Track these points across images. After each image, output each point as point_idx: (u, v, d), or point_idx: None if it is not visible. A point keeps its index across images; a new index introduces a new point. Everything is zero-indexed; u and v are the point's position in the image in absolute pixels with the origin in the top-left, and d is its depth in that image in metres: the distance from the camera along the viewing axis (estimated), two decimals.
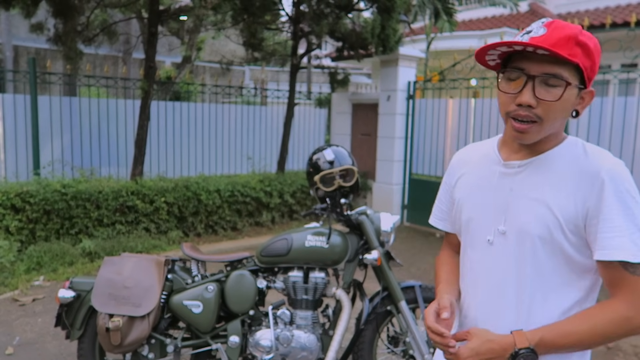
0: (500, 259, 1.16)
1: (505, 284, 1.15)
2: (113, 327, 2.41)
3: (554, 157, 1.13)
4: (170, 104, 7.58)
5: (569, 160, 1.12)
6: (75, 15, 6.04)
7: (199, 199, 6.31)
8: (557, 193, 1.09)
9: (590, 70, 1.08)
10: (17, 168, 6.20)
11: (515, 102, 1.08)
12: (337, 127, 9.26)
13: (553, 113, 1.07)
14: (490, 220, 1.18)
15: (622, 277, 1.04)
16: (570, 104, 1.09)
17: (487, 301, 1.19)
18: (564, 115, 1.10)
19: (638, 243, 1.02)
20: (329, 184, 2.69)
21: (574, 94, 1.08)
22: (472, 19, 13.50)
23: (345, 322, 2.60)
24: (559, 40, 1.03)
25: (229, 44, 12.08)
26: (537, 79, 1.06)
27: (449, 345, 1.12)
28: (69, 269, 5.02)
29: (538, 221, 1.10)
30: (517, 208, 1.13)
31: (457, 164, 1.36)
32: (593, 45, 1.07)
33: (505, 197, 1.16)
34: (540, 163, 1.14)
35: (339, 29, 6.80)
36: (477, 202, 1.23)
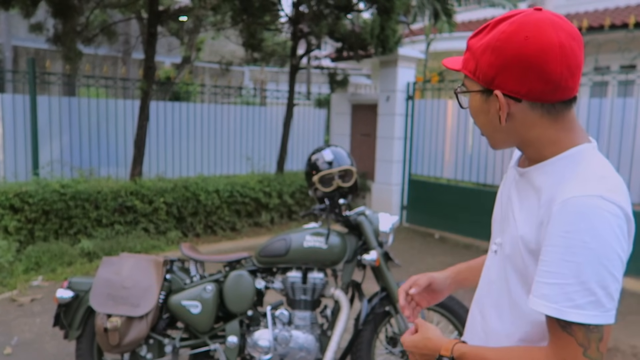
0: (493, 269, 1.11)
1: (488, 294, 1.12)
2: (111, 327, 2.41)
3: (541, 171, 0.98)
4: (170, 104, 7.58)
5: (550, 177, 0.96)
6: (74, 16, 6.04)
7: (198, 199, 6.31)
8: (526, 215, 0.98)
9: (478, 71, 0.97)
10: (16, 168, 6.20)
11: None
12: (336, 128, 9.26)
13: (476, 121, 1.05)
14: (496, 226, 1.14)
15: (553, 328, 0.89)
16: (480, 111, 1.01)
17: (474, 304, 1.19)
18: (482, 122, 1.03)
19: (573, 298, 0.84)
20: (327, 184, 2.70)
21: (477, 99, 1.01)
22: (471, 20, 13.51)
23: (344, 323, 2.60)
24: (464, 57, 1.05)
25: (228, 44, 12.09)
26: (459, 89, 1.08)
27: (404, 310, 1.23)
28: (68, 269, 5.01)
29: (510, 242, 1.01)
30: (506, 222, 1.06)
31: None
32: (479, 45, 0.97)
33: (506, 206, 1.08)
34: (529, 175, 1.01)
35: (339, 29, 6.81)
36: (497, 206, 1.16)
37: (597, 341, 0.86)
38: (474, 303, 1.19)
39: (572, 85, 0.93)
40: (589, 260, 0.84)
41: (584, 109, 5.57)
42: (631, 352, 3.60)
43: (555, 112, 0.95)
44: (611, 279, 0.85)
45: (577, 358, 0.86)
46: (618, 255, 0.85)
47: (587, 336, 0.85)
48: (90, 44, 6.86)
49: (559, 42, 0.89)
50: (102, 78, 6.87)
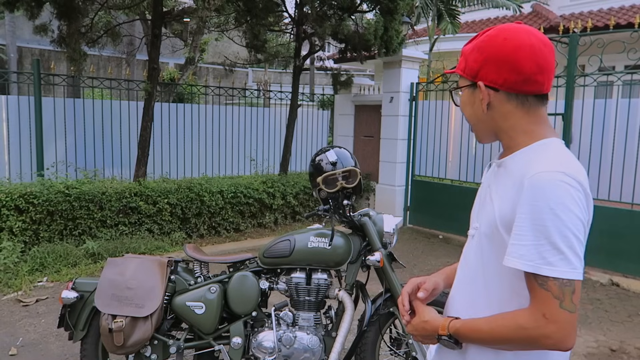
0: (469, 252, 1.24)
1: (466, 273, 1.24)
2: (116, 328, 2.41)
3: (515, 160, 1.14)
4: (174, 105, 7.60)
5: (522, 163, 1.11)
6: (79, 17, 6.06)
7: (202, 200, 6.32)
8: (502, 195, 1.12)
9: (467, 69, 1.18)
10: (21, 169, 6.22)
11: None
12: (339, 129, 9.26)
13: (465, 114, 1.25)
14: (474, 214, 1.26)
15: (532, 287, 1.02)
16: (467, 104, 1.21)
17: (458, 287, 1.28)
18: (471, 115, 1.22)
19: (545, 256, 0.99)
20: (331, 185, 2.69)
21: (466, 94, 1.21)
22: (475, 21, 13.49)
23: (348, 324, 2.60)
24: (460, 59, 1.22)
25: (232, 45, 12.11)
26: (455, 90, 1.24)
27: (404, 315, 1.27)
28: (73, 270, 5.03)
29: (486, 219, 1.15)
30: (485, 207, 1.19)
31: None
32: (468, 47, 1.18)
33: (485, 195, 1.22)
34: (505, 164, 1.16)
35: (342, 30, 6.81)
36: (477, 197, 1.30)
37: (570, 294, 0.99)
38: (453, 288, 1.30)
39: (541, 80, 1.10)
40: (556, 224, 0.99)
41: (588, 110, 5.54)
42: (637, 354, 3.58)
43: (528, 105, 1.13)
44: (576, 240, 0.99)
45: (555, 309, 0.99)
46: (580, 220, 1.00)
47: (561, 290, 0.98)
48: (94, 46, 6.89)
49: (530, 43, 1.09)
50: (107, 79, 6.90)
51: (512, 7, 11.04)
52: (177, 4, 8.92)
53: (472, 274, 1.21)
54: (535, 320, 1.00)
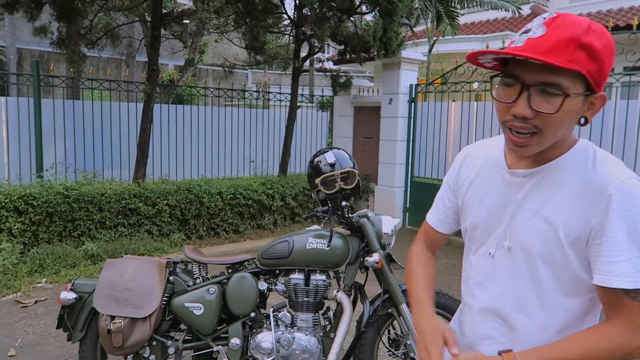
0: (501, 273, 1.11)
1: (503, 299, 1.11)
2: (115, 329, 2.42)
3: (560, 166, 1.04)
4: (173, 107, 7.60)
5: (576, 171, 1.02)
6: (78, 19, 6.07)
7: (201, 201, 6.32)
8: (561, 208, 1.01)
9: (597, 73, 0.94)
10: (21, 170, 6.23)
11: (510, 112, 0.98)
12: (339, 130, 9.27)
13: (553, 124, 0.96)
14: (495, 232, 1.12)
15: (621, 302, 0.96)
16: (574, 113, 0.97)
17: (483, 313, 1.16)
18: (567, 125, 0.99)
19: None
20: (330, 186, 2.70)
21: (577, 102, 0.96)
22: (474, 22, 13.51)
23: (347, 325, 2.60)
24: (558, 45, 0.91)
25: (231, 47, 12.13)
26: (533, 88, 0.94)
27: None
28: (72, 271, 5.03)
29: (539, 238, 1.03)
30: (521, 222, 1.07)
31: (464, 161, 1.27)
32: (601, 45, 0.93)
33: (511, 209, 1.09)
34: (545, 173, 1.05)
35: (341, 32, 6.82)
36: (483, 209, 1.16)
37: None
38: (480, 313, 1.16)
39: None
40: None
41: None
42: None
43: None
44: None
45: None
46: None
47: None
48: (94, 47, 6.89)
49: None
50: (106, 81, 6.90)
51: (511, 9, 11.07)
52: (177, 5, 8.93)
53: (517, 298, 1.09)
54: (632, 334, 0.95)
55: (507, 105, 0.99)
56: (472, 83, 6.66)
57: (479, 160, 1.22)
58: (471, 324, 1.19)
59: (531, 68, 0.94)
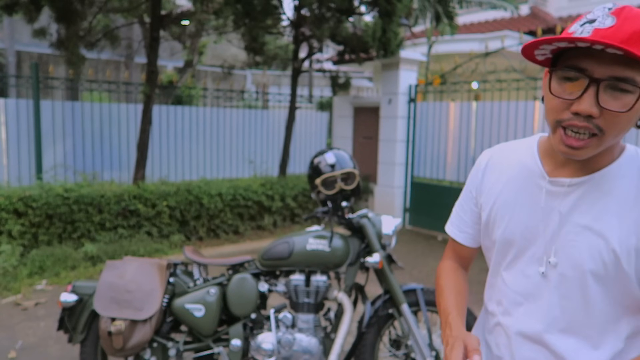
0: (546, 291, 1.01)
1: (549, 320, 1.00)
2: (115, 331, 2.41)
3: (612, 175, 0.94)
4: (172, 108, 7.60)
5: (628, 180, 0.93)
6: (77, 20, 6.07)
7: (200, 202, 6.32)
8: (616, 221, 0.92)
9: None
10: (20, 172, 6.22)
11: (572, 110, 0.87)
12: (338, 131, 9.27)
13: (618, 125, 0.87)
14: (537, 247, 1.02)
15: None
16: (639, 114, 0.88)
17: (525, 335, 1.05)
18: (629, 127, 0.89)
19: None
20: (330, 187, 2.70)
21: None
22: (473, 22, 13.52)
23: (347, 326, 2.60)
24: (634, 35, 0.81)
25: (230, 48, 12.13)
26: (602, 83, 0.84)
27: None
28: (72, 273, 5.02)
29: (592, 254, 0.93)
30: (568, 237, 0.97)
31: (487, 168, 1.16)
32: None
33: (554, 222, 0.99)
34: (595, 183, 0.95)
35: (340, 32, 6.83)
36: (518, 222, 1.05)
37: None
38: (520, 335, 1.05)
39: None
40: None
41: None
42: None
43: None
44: None
45: None
46: None
47: None
48: (93, 49, 6.89)
49: None
50: (105, 82, 6.90)
51: (510, 9, 11.07)
52: (176, 6, 8.93)
53: (566, 320, 0.99)
54: None
55: (567, 102, 0.88)
56: (471, 83, 6.66)
57: (506, 167, 1.11)
58: (509, 346, 1.08)
59: (602, 61, 0.84)
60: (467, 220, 1.22)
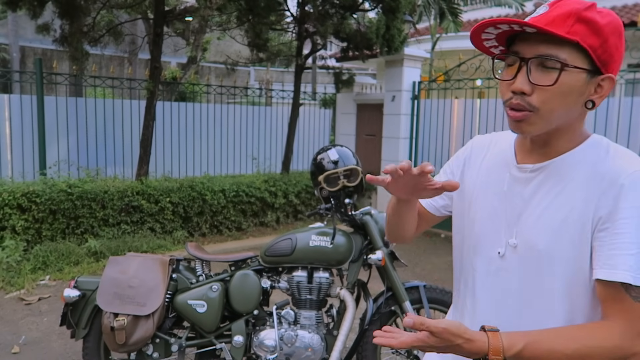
0: (506, 272, 1.05)
1: (508, 299, 1.05)
2: (118, 326, 2.42)
3: (572, 161, 1.00)
4: (176, 104, 7.61)
5: (588, 164, 0.98)
6: (81, 16, 6.07)
7: (203, 199, 6.32)
8: (570, 203, 0.97)
9: (600, 50, 0.92)
10: (24, 168, 6.24)
11: (510, 89, 0.96)
12: (341, 128, 9.26)
13: (550, 101, 0.93)
14: (500, 229, 1.07)
15: (622, 300, 0.91)
16: (575, 92, 0.94)
17: (487, 312, 1.10)
18: (567, 104, 0.95)
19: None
20: (333, 184, 2.70)
21: (578, 79, 0.93)
22: (477, 19, 13.46)
23: (350, 322, 2.60)
24: (556, 18, 0.91)
25: (234, 44, 12.11)
26: (531, 61, 0.93)
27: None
28: (75, 268, 5.04)
29: (548, 235, 0.98)
30: (528, 220, 1.02)
31: (473, 151, 1.22)
32: (605, 22, 0.91)
33: (518, 206, 1.04)
34: (555, 168, 1.01)
35: (344, 29, 6.81)
36: (486, 206, 1.11)
37: None
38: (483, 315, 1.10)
39: None
40: None
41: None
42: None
43: None
44: None
45: None
46: None
47: None
48: (96, 45, 6.89)
49: None
50: (109, 78, 6.91)
51: (515, 6, 11.01)
52: (179, 3, 8.92)
53: (524, 298, 1.04)
54: (631, 339, 0.90)
55: (508, 83, 0.98)
56: (475, 80, 6.63)
57: (488, 153, 1.17)
58: (472, 326, 1.09)
59: (530, 43, 0.95)
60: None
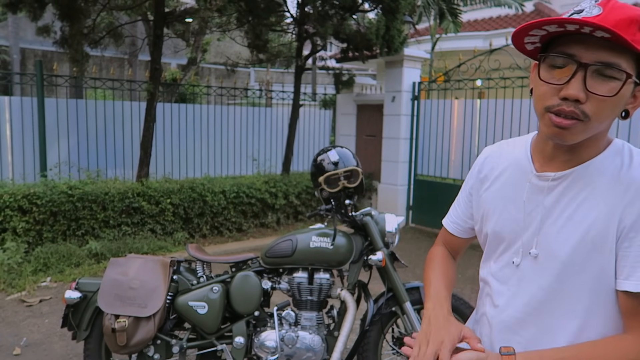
0: (526, 283, 1.03)
1: (527, 311, 1.03)
2: (119, 328, 2.42)
3: (594, 168, 0.96)
4: (176, 105, 7.61)
5: (611, 172, 0.94)
6: (81, 18, 6.08)
7: (204, 200, 6.33)
8: (593, 212, 0.94)
9: None
10: (24, 170, 6.25)
11: (560, 95, 0.88)
12: (342, 128, 9.26)
13: (604, 111, 0.88)
14: (520, 239, 1.04)
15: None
16: (623, 102, 0.89)
17: (505, 325, 1.07)
18: (614, 115, 0.91)
19: None
20: (333, 185, 2.70)
21: (629, 89, 0.88)
22: (477, 20, 13.47)
23: (350, 323, 2.60)
24: (620, 22, 0.84)
25: (234, 45, 12.12)
26: (590, 68, 0.86)
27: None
28: (76, 270, 5.05)
29: (570, 246, 0.95)
30: (550, 229, 0.99)
31: (485, 163, 1.19)
32: None
33: (539, 216, 1.01)
34: (578, 176, 0.96)
35: (344, 30, 6.81)
36: (506, 215, 1.08)
37: None
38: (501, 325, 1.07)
39: None
40: None
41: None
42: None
43: None
44: None
45: None
46: None
47: None
48: (97, 46, 6.90)
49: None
50: (109, 80, 6.91)
51: (514, 6, 11.02)
52: (179, 4, 8.94)
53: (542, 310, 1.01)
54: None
55: (556, 88, 0.89)
56: (475, 81, 6.64)
57: (501, 163, 1.13)
58: (490, 335, 1.11)
59: (590, 46, 0.86)
60: (460, 212, 1.27)
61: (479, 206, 1.18)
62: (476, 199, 1.19)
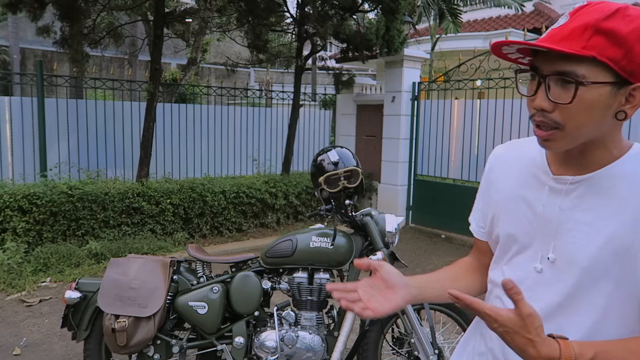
0: (543, 288, 1.01)
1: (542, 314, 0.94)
2: (119, 328, 2.43)
3: (614, 173, 0.95)
4: (176, 105, 7.62)
5: (632, 178, 0.94)
6: (81, 18, 6.08)
7: (204, 200, 6.33)
8: (615, 218, 0.93)
9: (625, 60, 0.86)
10: (24, 170, 6.25)
11: (531, 106, 0.94)
12: (341, 129, 9.27)
13: (575, 117, 0.89)
14: (538, 243, 1.02)
15: None
16: (599, 106, 0.89)
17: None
18: (593, 120, 0.90)
19: None
20: (333, 185, 2.70)
21: (602, 92, 0.87)
22: (477, 20, 13.48)
23: (350, 323, 2.60)
24: (573, 31, 0.87)
25: (234, 46, 12.12)
26: (549, 78, 0.90)
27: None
28: (76, 270, 5.05)
29: (590, 252, 0.94)
30: (568, 234, 0.97)
31: (497, 163, 1.18)
32: (629, 30, 0.85)
33: (555, 219, 0.99)
34: (597, 181, 0.96)
35: (344, 30, 6.82)
36: (521, 217, 1.06)
37: None
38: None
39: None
40: None
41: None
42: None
43: None
44: None
45: None
46: None
47: None
48: (97, 47, 6.91)
49: None
50: (109, 80, 6.92)
51: (514, 6, 11.02)
52: (179, 4, 8.94)
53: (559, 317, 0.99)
54: None
55: (531, 98, 0.94)
56: (475, 81, 6.64)
57: (515, 164, 1.12)
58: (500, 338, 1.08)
59: (549, 58, 0.90)
60: (480, 215, 1.24)
61: (490, 207, 1.17)
62: (487, 199, 1.19)
